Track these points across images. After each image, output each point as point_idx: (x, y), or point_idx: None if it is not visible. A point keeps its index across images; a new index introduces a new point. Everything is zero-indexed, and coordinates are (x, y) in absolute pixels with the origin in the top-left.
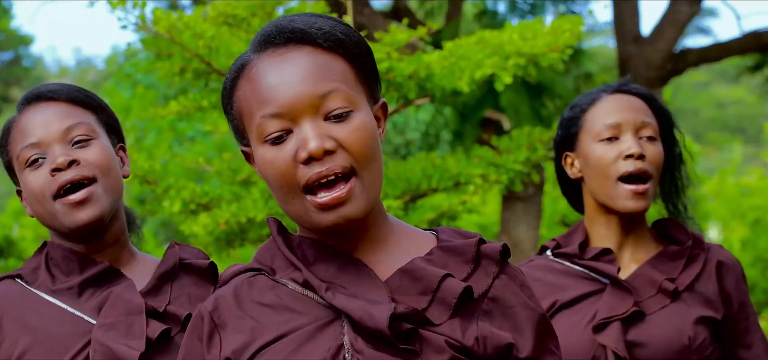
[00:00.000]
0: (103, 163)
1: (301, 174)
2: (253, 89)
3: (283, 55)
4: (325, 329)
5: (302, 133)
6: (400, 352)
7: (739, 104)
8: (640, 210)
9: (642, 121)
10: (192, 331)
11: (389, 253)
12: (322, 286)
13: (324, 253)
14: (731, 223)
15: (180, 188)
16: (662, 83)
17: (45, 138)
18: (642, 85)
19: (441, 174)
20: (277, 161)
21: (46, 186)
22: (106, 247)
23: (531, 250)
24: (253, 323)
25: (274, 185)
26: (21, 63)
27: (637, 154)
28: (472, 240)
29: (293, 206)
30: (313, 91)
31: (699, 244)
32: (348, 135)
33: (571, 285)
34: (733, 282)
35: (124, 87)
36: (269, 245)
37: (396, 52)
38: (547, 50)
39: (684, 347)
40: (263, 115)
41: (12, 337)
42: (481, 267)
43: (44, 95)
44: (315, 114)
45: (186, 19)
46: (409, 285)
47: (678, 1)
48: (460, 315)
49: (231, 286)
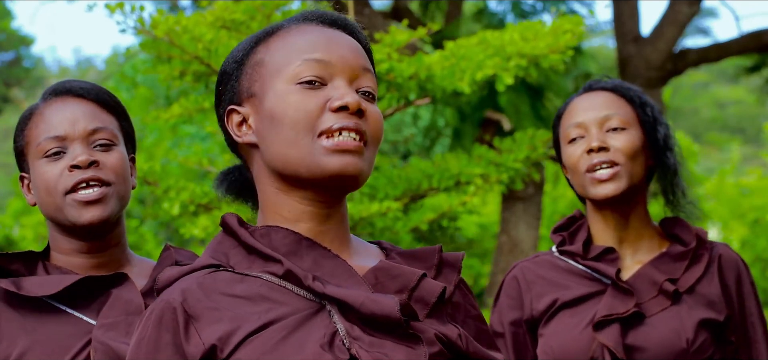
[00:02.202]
0: (120, 170)
1: (327, 118)
2: (295, 39)
3: (329, 27)
4: (312, 319)
5: (340, 88)
6: (402, 338)
7: (739, 104)
8: (612, 194)
9: (605, 114)
10: (157, 324)
11: (353, 254)
12: (307, 276)
13: (299, 246)
14: (731, 223)
15: (180, 189)
16: (662, 83)
17: (70, 133)
18: (641, 85)
19: (441, 174)
20: (306, 102)
21: (61, 180)
22: (106, 248)
23: (531, 249)
24: (231, 313)
25: (289, 125)
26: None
27: (596, 147)
28: (434, 247)
29: (300, 148)
30: (358, 61)
31: (702, 243)
32: (373, 112)
33: (574, 284)
34: (733, 280)
35: (124, 88)
36: (218, 244)
37: (396, 53)
38: (548, 51)
39: (682, 350)
40: (307, 58)
41: (10, 338)
42: (443, 274)
43: (74, 90)
44: (351, 80)
45: (184, 23)
46: (386, 282)
47: (678, 2)
48: (434, 315)
49: (192, 280)
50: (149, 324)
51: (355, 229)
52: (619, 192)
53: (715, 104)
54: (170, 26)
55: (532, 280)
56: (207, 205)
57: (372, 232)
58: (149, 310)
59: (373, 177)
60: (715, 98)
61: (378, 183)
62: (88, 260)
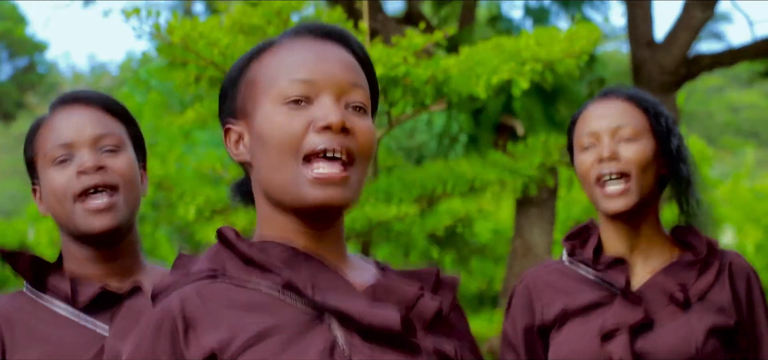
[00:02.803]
0: (128, 174)
1: (310, 140)
2: (284, 57)
3: (320, 42)
4: (310, 329)
5: (325, 106)
6: (402, 349)
7: (753, 109)
8: (622, 210)
9: (618, 124)
10: (156, 331)
11: (350, 270)
12: (307, 286)
13: (297, 259)
14: (745, 228)
15: (195, 194)
16: (675, 88)
17: (76, 140)
18: (655, 90)
19: (456, 179)
20: (291, 123)
21: (70, 186)
22: (118, 256)
23: (545, 254)
24: (228, 321)
25: (274, 148)
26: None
27: (606, 157)
28: (432, 269)
29: (282, 172)
30: (345, 76)
31: (714, 252)
32: (361, 128)
33: (584, 292)
34: (744, 287)
35: (139, 92)
36: (215, 255)
37: (412, 57)
38: (563, 56)
39: (691, 357)
40: (293, 79)
41: (24, 348)
42: (440, 295)
43: (80, 98)
44: (339, 97)
45: (200, 28)
46: (384, 298)
47: (691, 7)
48: (430, 333)
49: (191, 289)
50: (147, 330)
51: (370, 233)
52: (629, 207)
53: (729, 108)
54: (186, 31)
55: (541, 289)
56: (222, 209)
57: (387, 236)
58: (146, 317)
59: (388, 181)
60: (729, 102)
61: (393, 187)
62: (101, 268)
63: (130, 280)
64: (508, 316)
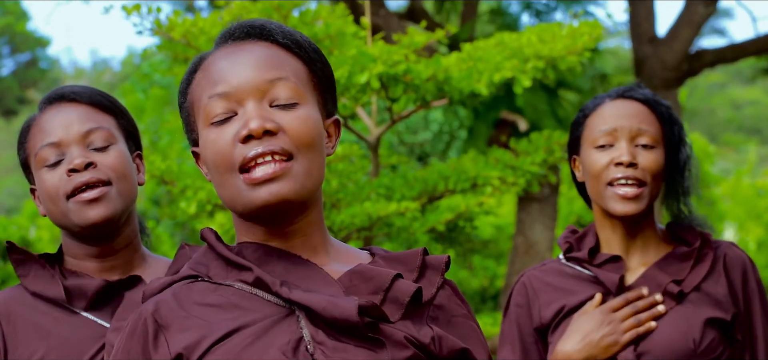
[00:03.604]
0: (120, 168)
1: (239, 152)
2: (205, 75)
3: (239, 46)
4: (280, 324)
5: (245, 114)
6: (365, 342)
7: (755, 105)
8: (632, 213)
9: (638, 128)
10: (131, 335)
11: (332, 260)
12: (275, 282)
13: (270, 256)
14: (747, 224)
15: (197, 189)
16: (678, 84)
17: (64, 138)
18: (657, 86)
19: (458, 176)
20: (219, 140)
21: (62, 185)
22: (118, 250)
23: (546, 250)
24: (201, 321)
25: (213, 166)
26: (38, 64)
27: (626, 162)
28: (418, 250)
29: (227, 188)
30: (262, 76)
31: (707, 243)
32: (291, 121)
33: (581, 290)
34: (739, 278)
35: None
36: (201, 256)
37: (413, 55)
38: (565, 53)
39: (690, 350)
40: (211, 96)
41: (27, 343)
42: (426, 277)
43: (66, 96)
44: (261, 98)
45: (201, 24)
46: (360, 284)
47: (694, 3)
48: (411, 317)
49: (169, 291)
50: (125, 333)
51: (371, 229)
52: (639, 211)
53: (732, 105)
54: (187, 27)
55: (539, 289)
56: (223, 204)
57: (389, 232)
58: (128, 319)
59: (390, 178)
60: (732, 99)
61: (394, 184)
62: (100, 264)
63: (131, 274)
64: (506, 316)
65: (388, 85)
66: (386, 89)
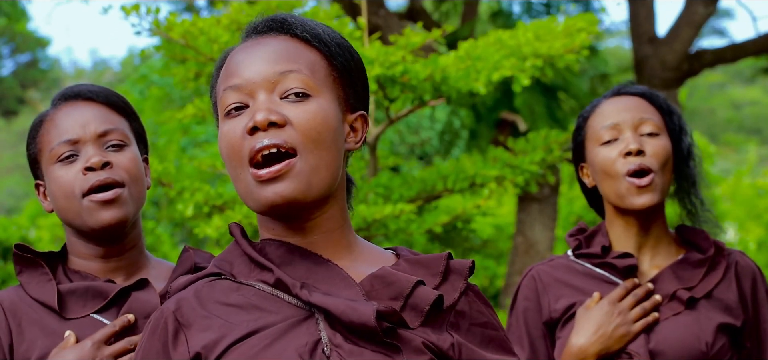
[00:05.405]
0: (134, 170)
1: (248, 144)
2: (226, 68)
3: (259, 40)
4: (299, 326)
5: (255, 106)
6: (382, 347)
7: (755, 105)
8: (649, 204)
9: (640, 117)
10: (152, 332)
11: (355, 260)
12: (295, 285)
13: (292, 255)
14: (747, 224)
15: (194, 191)
16: (678, 84)
17: (81, 136)
18: (657, 86)
19: (456, 175)
20: (231, 132)
21: (77, 183)
22: (124, 251)
23: (546, 250)
24: (221, 321)
25: (226, 160)
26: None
27: (634, 151)
28: (442, 254)
29: (240, 183)
30: (272, 68)
31: (720, 251)
32: (299, 114)
33: (592, 287)
34: (749, 286)
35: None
36: (228, 252)
37: (411, 55)
38: (563, 51)
39: (701, 354)
40: (226, 88)
41: (30, 340)
42: (449, 281)
43: (83, 94)
44: (271, 91)
45: (200, 25)
46: (381, 289)
47: (694, 2)
48: (431, 323)
49: (191, 290)
50: (147, 331)
51: (368, 230)
52: (654, 203)
53: (732, 105)
54: (186, 28)
55: (548, 283)
56: (221, 206)
57: (386, 233)
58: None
59: (388, 178)
60: (732, 99)
61: (393, 184)
62: (105, 264)
63: (136, 276)
64: (513, 310)
65: (385, 86)
66: (383, 89)
